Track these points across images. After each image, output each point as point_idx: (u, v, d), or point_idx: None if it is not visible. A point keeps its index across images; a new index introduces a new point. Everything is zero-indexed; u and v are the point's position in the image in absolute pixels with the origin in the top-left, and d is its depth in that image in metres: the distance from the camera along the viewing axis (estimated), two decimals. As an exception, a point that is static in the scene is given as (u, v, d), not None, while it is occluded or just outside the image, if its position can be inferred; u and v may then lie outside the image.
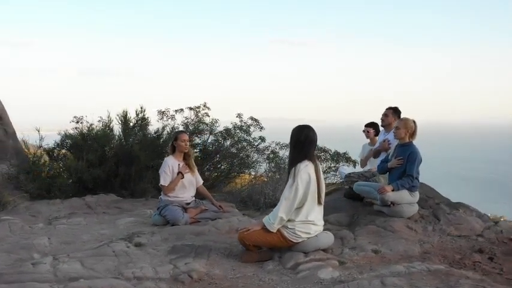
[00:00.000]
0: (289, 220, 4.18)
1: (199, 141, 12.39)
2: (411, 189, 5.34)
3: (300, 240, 4.19)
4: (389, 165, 5.55)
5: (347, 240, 4.64)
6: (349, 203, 6.18)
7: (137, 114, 10.67)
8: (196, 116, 12.44)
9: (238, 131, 12.12)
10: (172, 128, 12.36)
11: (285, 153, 13.26)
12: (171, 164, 6.00)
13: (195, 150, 12.17)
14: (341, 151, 14.25)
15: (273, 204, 9.61)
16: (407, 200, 5.29)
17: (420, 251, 4.35)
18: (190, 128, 12.29)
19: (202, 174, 11.58)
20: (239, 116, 12.38)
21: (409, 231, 4.93)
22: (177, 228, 5.45)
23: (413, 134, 5.49)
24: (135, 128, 10.49)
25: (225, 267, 4.08)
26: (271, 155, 12.33)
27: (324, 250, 4.30)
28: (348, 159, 13.75)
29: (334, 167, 13.73)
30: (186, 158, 6.17)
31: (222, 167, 12.15)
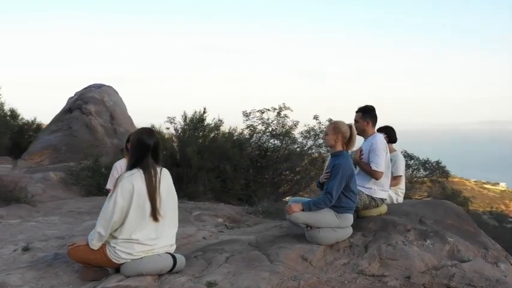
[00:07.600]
0: (113, 237, 3.65)
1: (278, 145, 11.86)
2: (338, 210, 4.23)
3: (122, 261, 3.62)
4: (320, 180, 4.51)
5: (210, 266, 3.84)
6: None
7: (198, 116, 10.68)
8: (278, 117, 11.90)
9: (309, 134, 11.27)
10: (253, 130, 12.03)
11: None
12: (121, 167, 5.78)
13: (268, 153, 11.66)
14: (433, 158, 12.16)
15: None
16: (327, 223, 4.17)
17: (267, 290, 3.39)
18: (270, 130, 11.83)
19: (264, 178, 11.09)
20: (316, 118, 11.48)
21: (300, 263, 3.86)
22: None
23: (349, 141, 4.35)
24: (195, 130, 10.51)
25: (50, 283, 3.76)
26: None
27: (161, 275, 3.65)
28: (439, 169, 11.72)
29: (423, 177, 11.85)
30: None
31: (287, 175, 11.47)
